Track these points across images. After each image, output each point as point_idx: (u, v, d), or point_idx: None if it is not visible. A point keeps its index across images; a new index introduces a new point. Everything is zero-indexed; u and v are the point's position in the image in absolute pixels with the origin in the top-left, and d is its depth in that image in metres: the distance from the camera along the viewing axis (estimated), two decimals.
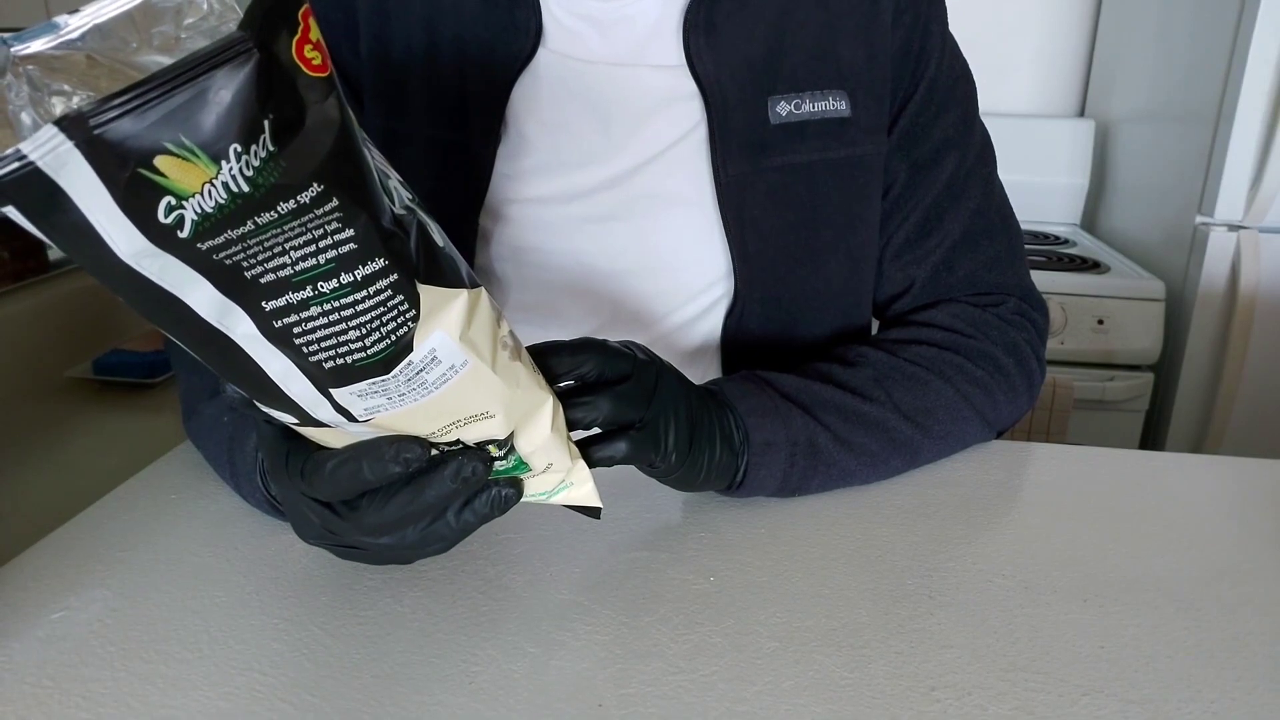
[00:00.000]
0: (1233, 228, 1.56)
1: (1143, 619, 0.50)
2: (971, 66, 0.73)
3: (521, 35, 0.66)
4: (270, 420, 0.42)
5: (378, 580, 0.53)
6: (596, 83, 0.67)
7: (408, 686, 0.44)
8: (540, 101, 0.67)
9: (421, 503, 0.43)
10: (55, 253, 1.09)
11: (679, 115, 0.67)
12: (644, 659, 0.46)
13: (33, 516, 0.64)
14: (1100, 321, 1.66)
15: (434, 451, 0.43)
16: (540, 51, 0.67)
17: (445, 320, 0.39)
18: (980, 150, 0.73)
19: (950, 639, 0.49)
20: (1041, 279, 1.69)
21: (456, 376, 0.40)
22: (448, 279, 0.39)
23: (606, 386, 0.49)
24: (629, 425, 0.50)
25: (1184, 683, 0.46)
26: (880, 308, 0.75)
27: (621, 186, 0.67)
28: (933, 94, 0.70)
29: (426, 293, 0.38)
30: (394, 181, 0.38)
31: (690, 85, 0.66)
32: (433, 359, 0.39)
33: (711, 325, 0.70)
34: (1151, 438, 1.71)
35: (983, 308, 0.71)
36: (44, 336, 1.01)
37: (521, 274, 0.70)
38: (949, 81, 0.71)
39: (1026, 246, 1.79)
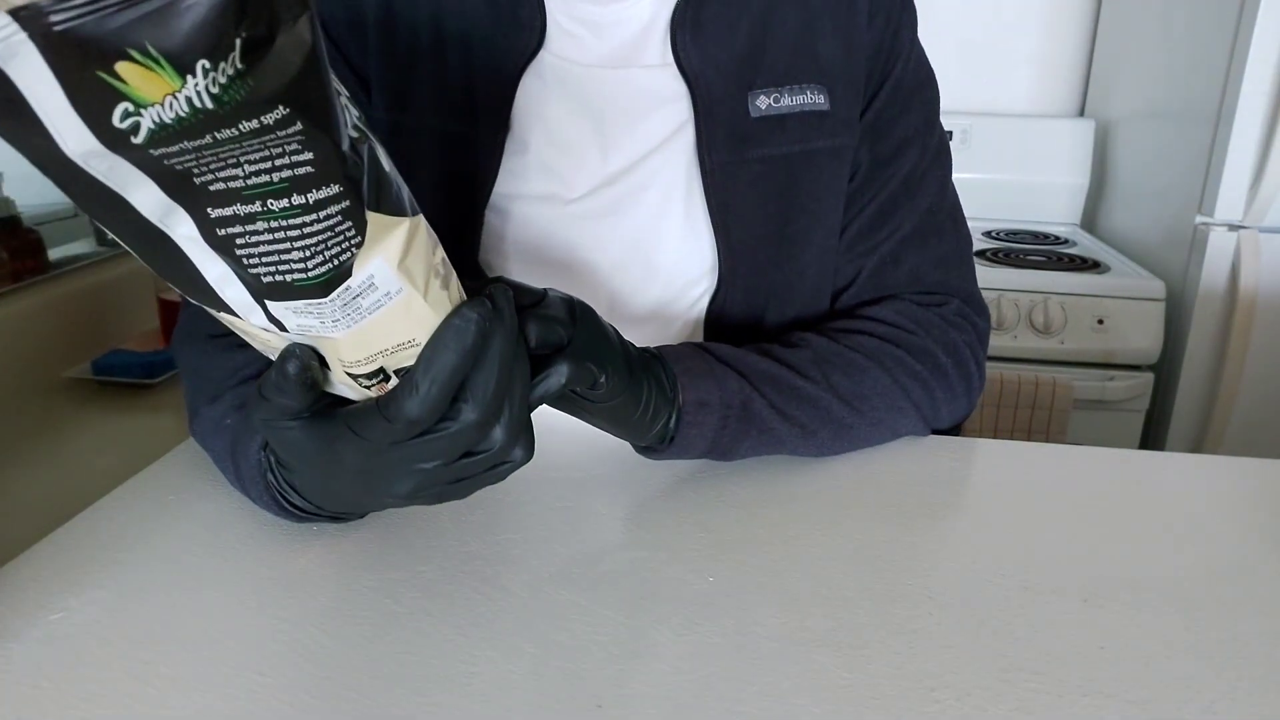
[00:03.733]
0: (1233, 228, 1.56)
1: (1143, 619, 0.50)
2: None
3: (526, 32, 0.68)
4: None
5: (376, 581, 0.53)
6: (591, 86, 0.69)
7: (407, 687, 0.44)
8: (541, 101, 0.69)
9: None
10: (55, 253, 1.09)
11: (669, 113, 0.69)
12: (644, 659, 0.46)
13: (32, 516, 0.64)
14: (1100, 321, 1.66)
15: (357, 379, 0.42)
16: (542, 53, 0.69)
17: (386, 248, 0.38)
18: (938, 151, 0.75)
19: (950, 639, 0.49)
20: (1041, 279, 1.69)
21: (389, 304, 0.40)
22: (392, 206, 0.39)
23: (525, 312, 0.47)
24: (560, 346, 0.48)
25: (1184, 683, 0.46)
26: (833, 298, 0.77)
27: (616, 184, 0.70)
28: (897, 92, 0.73)
29: (372, 220, 0.37)
30: (344, 99, 0.37)
31: (678, 82, 0.69)
32: (370, 285, 0.39)
33: (697, 313, 0.73)
34: (1151, 438, 1.71)
35: (926, 306, 0.73)
36: (44, 336, 1.01)
37: (521, 269, 0.72)
38: (913, 84, 0.74)
39: (1026, 246, 1.78)
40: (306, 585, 0.52)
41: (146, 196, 0.33)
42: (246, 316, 0.39)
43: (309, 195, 0.34)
